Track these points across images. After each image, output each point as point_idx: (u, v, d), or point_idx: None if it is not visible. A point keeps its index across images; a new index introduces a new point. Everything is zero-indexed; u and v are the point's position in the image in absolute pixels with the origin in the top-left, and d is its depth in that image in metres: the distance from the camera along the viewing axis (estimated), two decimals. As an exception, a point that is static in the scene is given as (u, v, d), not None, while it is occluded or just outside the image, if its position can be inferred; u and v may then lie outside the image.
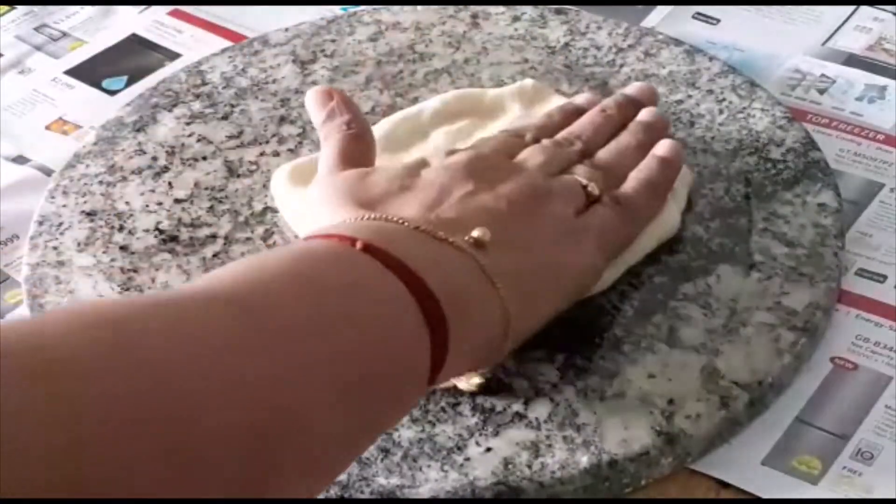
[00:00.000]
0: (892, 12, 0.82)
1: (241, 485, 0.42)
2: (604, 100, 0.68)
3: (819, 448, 0.57)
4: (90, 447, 0.38)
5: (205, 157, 0.71)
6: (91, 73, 0.82)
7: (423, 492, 0.55)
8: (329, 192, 0.59)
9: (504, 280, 0.54)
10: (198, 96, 0.76)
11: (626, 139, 0.65)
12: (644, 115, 0.67)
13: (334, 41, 0.79)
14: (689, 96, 0.73)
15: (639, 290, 0.62)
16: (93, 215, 0.68)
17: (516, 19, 0.79)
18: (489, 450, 0.56)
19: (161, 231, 0.67)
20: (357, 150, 0.62)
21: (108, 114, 0.76)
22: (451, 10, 0.80)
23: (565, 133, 0.65)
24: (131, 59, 0.83)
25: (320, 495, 0.54)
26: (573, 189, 0.60)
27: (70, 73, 0.82)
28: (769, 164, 0.68)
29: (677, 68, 0.75)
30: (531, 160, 0.61)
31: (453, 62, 0.77)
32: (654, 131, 0.66)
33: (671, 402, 0.57)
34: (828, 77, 0.77)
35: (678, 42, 0.77)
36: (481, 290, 0.53)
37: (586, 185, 0.60)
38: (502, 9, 0.80)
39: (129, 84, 0.81)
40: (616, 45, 0.77)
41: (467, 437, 0.56)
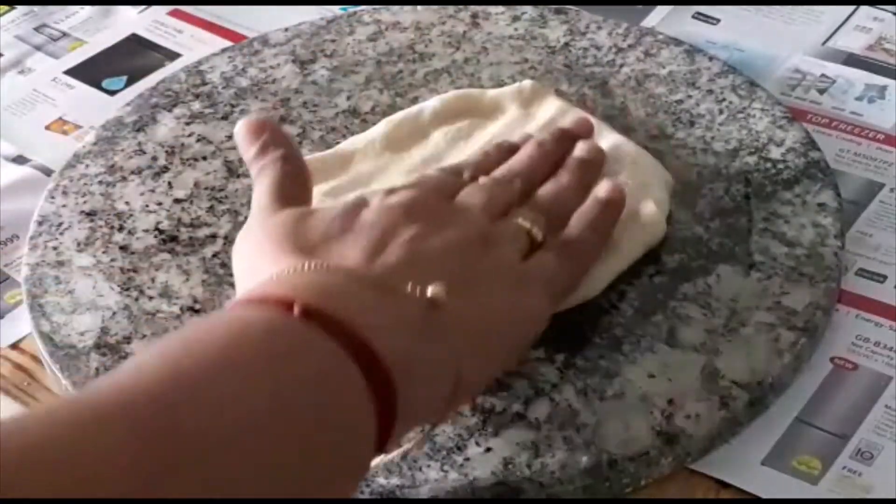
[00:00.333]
0: (892, 12, 0.82)
1: None
2: (539, 135, 0.66)
3: (819, 448, 0.57)
4: None
5: (205, 157, 0.71)
6: (91, 73, 0.82)
7: (423, 492, 0.55)
8: (266, 234, 0.55)
9: (456, 335, 0.51)
10: (198, 96, 0.76)
11: (565, 178, 0.62)
12: (581, 150, 0.64)
13: (334, 41, 0.79)
14: (689, 96, 0.73)
15: (639, 290, 0.62)
16: (92, 215, 0.68)
17: (516, 19, 0.79)
18: (489, 450, 0.56)
19: (161, 231, 0.67)
20: (294, 187, 0.58)
21: (107, 114, 0.76)
22: (451, 9, 0.80)
23: (504, 170, 0.62)
24: (131, 59, 0.83)
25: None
26: (517, 235, 0.58)
27: (70, 73, 0.82)
28: (769, 164, 0.68)
29: (677, 68, 0.75)
30: (472, 200, 0.59)
31: (453, 62, 0.77)
32: (592, 167, 0.64)
33: (671, 402, 0.57)
34: (828, 77, 0.77)
35: (678, 42, 0.77)
36: (432, 346, 0.50)
37: (530, 230, 0.58)
38: (502, 9, 0.80)
39: (128, 84, 0.81)
40: (616, 45, 0.77)
41: (467, 437, 0.56)
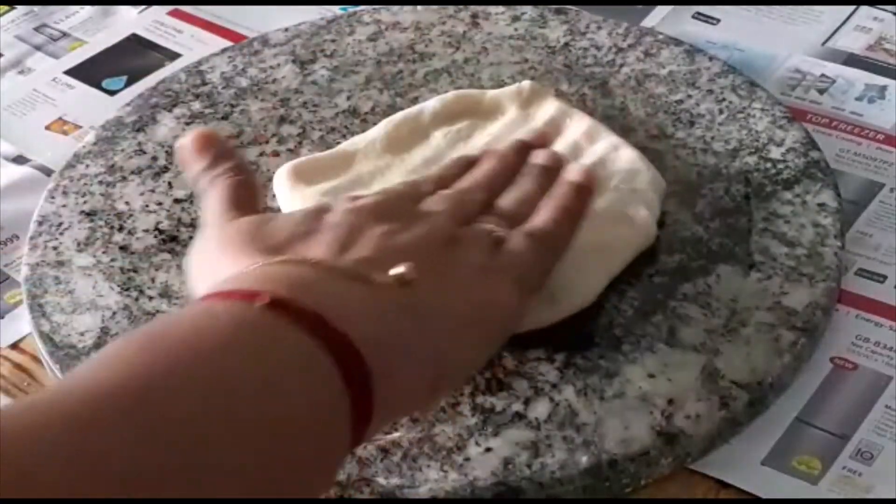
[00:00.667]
0: (892, 12, 0.82)
1: None
2: (498, 149, 0.65)
3: (819, 448, 0.57)
4: None
5: (205, 157, 0.71)
6: (91, 73, 0.82)
7: (423, 492, 0.55)
8: (227, 239, 0.54)
9: (430, 318, 0.50)
10: (198, 96, 0.76)
11: (526, 184, 0.61)
12: (539, 157, 0.63)
13: (334, 41, 0.79)
14: (689, 96, 0.73)
15: (639, 290, 0.62)
16: (92, 215, 0.68)
17: (516, 19, 0.79)
18: (489, 450, 0.56)
19: (161, 231, 0.67)
20: (246, 197, 0.57)
21: (107, 114, 0.76)
22: (451, 10, 0.80)
23: (466, 182, 0.61)
24: (131, 59, 0.83)
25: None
26: (482, 236, 0.56)
27: (70, 73, 0.82)
28: (769, 164, 0.68)
29: (677, 68, 0.75)
30: (436, 207, 0.58)
31: (453, 62, 0.77)
32: (552, 172, 0.63)
33: (671, 402, 0.57)
34: (828, 77, 0.77)
35: (678, 42, 0.77)
36: (410, 331, 0.49)
37: (494, 231, 0.57)
38: (502, 9, 0.80)
39: (128, 84, 0.81)
40: (616, 45, 0.77)
41: (467, 437, 0.56)
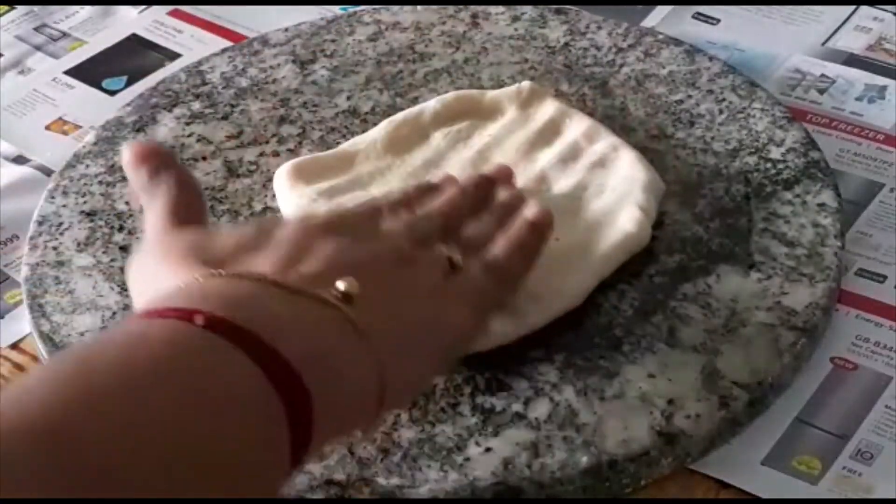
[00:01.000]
0: (892, 12, 0.82)
1: None
2: (461, 179, 0.64)
3: (819, 448, 0.57)
4: None
5: (204, 157, 0.71)
6: (91, 73, 0.82)
7: (423, 492, 0.55)
8: (167, 250, 0.52)
9: (376, 335, 0.49)
10: (198, 96, 0.76)
11: (487, 218, 0.60)
12: (501, 194, 0.63)
13: (334, 41, 0.79)
14: (689, 96, 0.73)
15: (639, 290, 0.62)
16: (92, 215, 0.68)
17: (516, 19, 0.79)
18: (489, 450, 0.56)
19: (161, 231, 0.67)
20: (191, 210, 0.56)
21: (108, 114, 0.76)
22: (451, 10, 0.80)
23: (426, 206, 0.60)
24: (131, 59, 0.83)
25: (320, 495, 0.54)
26: (437, 259, 0.56)
27: (70, 73, 0.82)
28: (769, 164, 0.68)
29: (677, 68, 0.75)
30: (393, 226, 0.57)
31: (453, 62, 0.77)
32: (513, 209, 0.62)
33: (671, 402, 0.57)
34: (828, 77, 0.77)
35: (678, 42, 0.77)
36: (352, 347, 0.48)
37: (450, 256, 0.56)
38: (502, 9, 0.80)
39: (128, 84, 0.81)
40: (616, 45, 0.77)
41: (467, 437, 0.56)
